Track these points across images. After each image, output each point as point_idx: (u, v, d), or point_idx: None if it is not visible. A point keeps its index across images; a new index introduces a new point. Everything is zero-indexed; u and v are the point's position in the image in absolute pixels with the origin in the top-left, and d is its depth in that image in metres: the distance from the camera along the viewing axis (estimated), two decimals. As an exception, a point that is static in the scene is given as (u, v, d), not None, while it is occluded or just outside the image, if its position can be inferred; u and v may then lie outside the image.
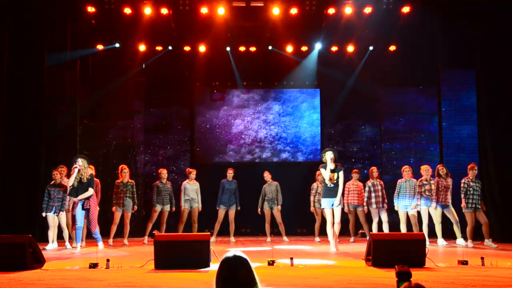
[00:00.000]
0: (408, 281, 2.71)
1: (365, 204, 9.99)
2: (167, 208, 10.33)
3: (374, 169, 10.14)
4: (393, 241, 6.40)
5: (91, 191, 8.28)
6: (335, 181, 8.30)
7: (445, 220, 9.55)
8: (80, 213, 8.29)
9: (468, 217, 9.08)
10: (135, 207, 10.10)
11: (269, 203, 10.54)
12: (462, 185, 9.16)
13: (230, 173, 10.66)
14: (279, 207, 10.49)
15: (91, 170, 8.55)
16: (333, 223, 8.41)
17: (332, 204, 8.35)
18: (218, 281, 2.42)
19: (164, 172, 10.43)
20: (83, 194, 8.23)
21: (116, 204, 9.89)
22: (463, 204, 9.09)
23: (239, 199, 10.62)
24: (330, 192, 8.34)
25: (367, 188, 9.98)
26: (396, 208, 9.72)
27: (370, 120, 12.91)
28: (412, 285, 2.34)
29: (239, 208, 10.61)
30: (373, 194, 9.91)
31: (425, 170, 9.59)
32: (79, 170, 8.19)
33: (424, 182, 9.49)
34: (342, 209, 8.71)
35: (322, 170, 8.45)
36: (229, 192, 10.53)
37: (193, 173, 10.46)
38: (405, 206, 9.61)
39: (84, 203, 8.23)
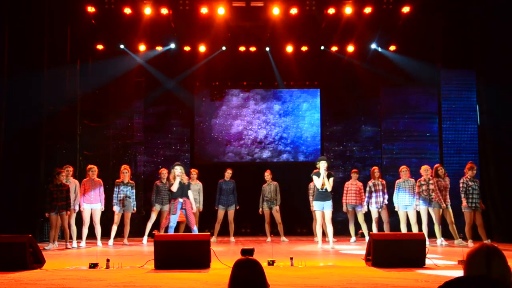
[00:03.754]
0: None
1: (365, 204, 9.98)
2: (166, 208, 10.30)
3: (375, 169, 10.12)
4: (393, 241, 6.39)
5: (190, 193, 9.02)
6: (325, 187, 8.80)
7: (443, 221, 9.53)
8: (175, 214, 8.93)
9: (466, 217, 9.11)
10: (135, 208, 10.11)
11: (268, 203, 10.55)
12: (461, 185, 9.17)
13: (228, 172, 10.65)
14: (277, 207, 10.50)
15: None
16: (323, 223, 8.98)
17: (323, 207, 8.82)
18: (230, 284, 2.44)
19: (164, 172, 10.42)
20: (185, 196, 8.92)
21: (116, 204, 9.88)
22: (464, 204, 9.11)
23: (237, 199, 10.60)
24: (321, 195, 8.87)
25: (367, 188, 9.97)
26: (396, 209, 9.72)
27: (370, 120, 12.90)
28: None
29: (238, 207, 10.61)
30: (373, 194, 9.90)
31: (425, 170, 9.58)
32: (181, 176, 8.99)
33: (422, 182, 9.48)
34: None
35: (314, 177, 8.94)
36: (226, 192, 10.52)
37: (195, 173, 10.48)
38: (404, 206, 9.59)
39: (183, 204, 8.81)
